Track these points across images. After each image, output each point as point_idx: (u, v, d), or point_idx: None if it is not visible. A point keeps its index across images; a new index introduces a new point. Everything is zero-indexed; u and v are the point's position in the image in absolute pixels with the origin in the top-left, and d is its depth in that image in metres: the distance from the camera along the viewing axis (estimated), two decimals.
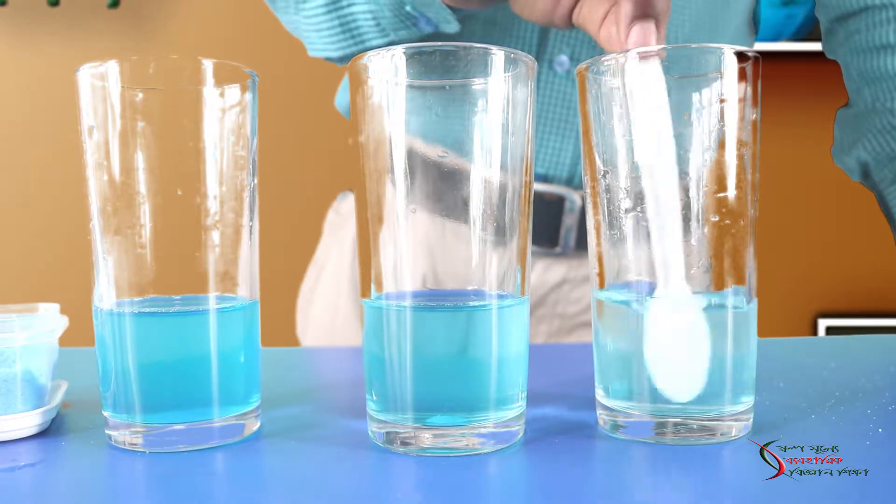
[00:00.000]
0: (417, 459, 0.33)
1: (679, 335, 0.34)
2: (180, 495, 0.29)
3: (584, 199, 0.38)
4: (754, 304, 0.35)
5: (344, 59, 0.61)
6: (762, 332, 0.39)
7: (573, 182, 0.67)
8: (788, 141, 1.70)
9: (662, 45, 0.35)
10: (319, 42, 0.60)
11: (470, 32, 0.65)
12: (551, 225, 0.68)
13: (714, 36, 0.66)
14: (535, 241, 0.67)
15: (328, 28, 0.59)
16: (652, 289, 0.34)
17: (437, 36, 0.57)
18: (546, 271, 0.70)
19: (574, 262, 0.70)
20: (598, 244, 0.36)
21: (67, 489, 0.31)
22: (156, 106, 0.34)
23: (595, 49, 0.65)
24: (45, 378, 0.38)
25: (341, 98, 0.77)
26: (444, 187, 0.33)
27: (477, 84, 0.33)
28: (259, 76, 0.37)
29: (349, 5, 0.57)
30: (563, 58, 0.65)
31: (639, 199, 0.34)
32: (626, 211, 0.35)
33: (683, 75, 0.34)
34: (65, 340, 0.42)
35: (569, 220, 0.67)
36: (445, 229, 0.33)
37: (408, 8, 0.54)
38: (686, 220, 0.34)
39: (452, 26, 0.55)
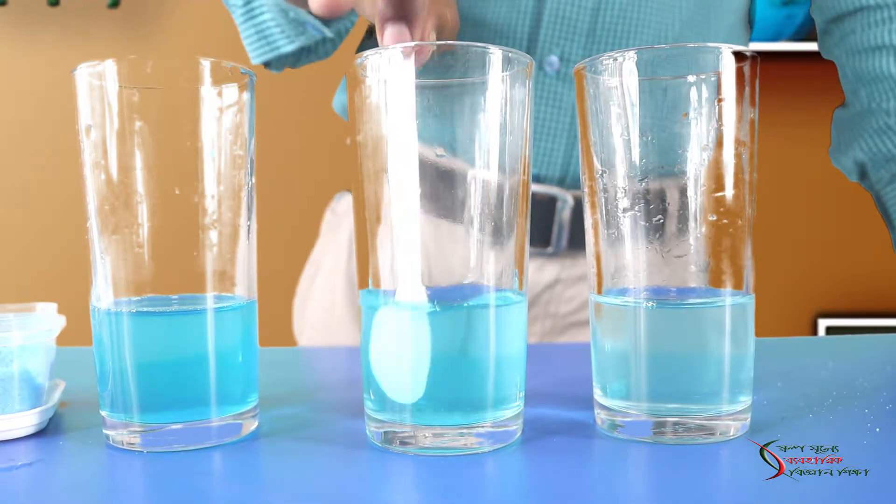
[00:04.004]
0: (415, 459, 0.33)
1: (404, 338, 0.33)
2: (178, 495, 0.29)
3: (581, 199, 0.38)
4: (752, 304, 0.35)
5: (270, 66, 0.67)
6: (762, 332, 0.39)
7: (565, 182, 0.67)
8: (788, 141, 1.70)
9: (424, 42, 0.34)
10: (249, 49, 0.66)
11: (460, 34, 0.65)
12: (544, 225, 0.68)
13: (706, 35, 0.66)
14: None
15: (248, 36, 0.65)
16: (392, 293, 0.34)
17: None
18: (539, 271, 0.70)
19: (567, 261, 0.70)
20: (596, 244, 0.36)
21: (65, 489, 0.31)
22: (153, 105, 0.34)
23: (586, 49, 0.65)
24: (43, 377, 0.38)
25: (339, 100, 0.77)
26: (441, 187, 0.33)
27: (475, 83, 0.33)
28: (257, 76, 0.37)
29: (260, 14, 0.63)
30: (553, 58, 0.65)
31: (636, 198, 0.34)
32: (624, 210, 0.35)
33: (681, 74, 0.34)
34: (62, 340, 0.42)
35: (561, 220, 0.67)
36: (443, 229, 0.33)
37: (291, 14, 0.61)
38: (684, 219, 0.34)
39: (326, 30, 0.63)
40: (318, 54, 0.68)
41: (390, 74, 0.33)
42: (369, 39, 0.75)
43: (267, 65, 0.67)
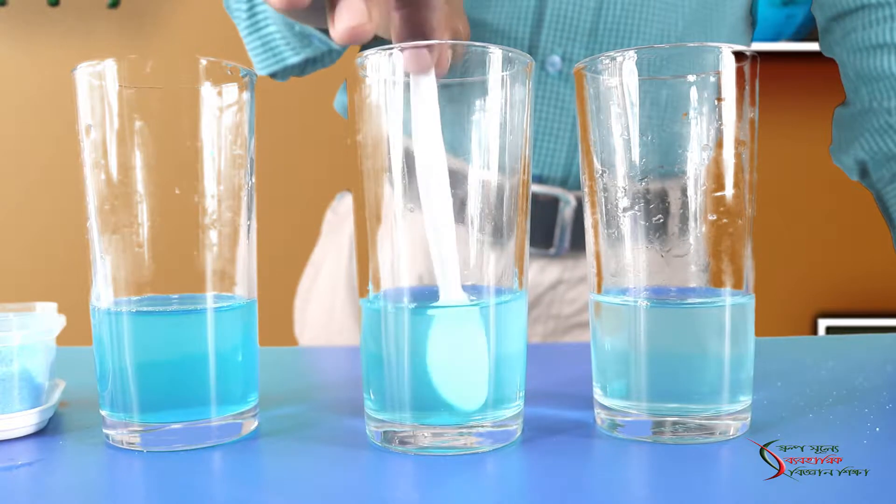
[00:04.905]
0: (415, 458, 0.33)
1: (457, 344, 0.33)
2: (178, 494, 0.29)
3: (582, 199, 0.38)
4: (752, 303, 0.35)
5: (276, 76, 0.67)
6: (762, 332, 0.39)
7: (567, 183, 0.67)
8: (788, 141, 1.70)
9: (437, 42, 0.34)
10: (255, 60, 0.67)
11: None
12: (546, 226, 0.67)
13: (708, 34, 0.66)
14: (530, 243, 0.68)
15: (254, 48, 0.66)
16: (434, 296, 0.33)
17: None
18: (541, 272, 0.70)
19: (569, 262, 0.70)
20: (596, 243, 0.36)
21: (65, 488, 0.31)
22: (153, 105, 0.34)
23: (588, 49, 0.65)
24: (43, 377, 0.38)
25: (340, 100, 0.77)
26: None
27: (475, 83, 0.33)
28: (257, 75, 0.37)
29: (265, 26, 0.63)
30: (555, 58, 0.65)
31: (636, 198, 0.34)
32: (624, 210, 0.35)
33: (681, 74, 0.34)
34: (62, 339, 0.42)
35: (563, 221, 0.67)
36: None
37: (297, 28, 0.61)
38: (684, 218, 0.34)
39: (333, 42, 0.62)
40: (324, 63, 0.68)
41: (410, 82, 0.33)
42: (372, 42, 0.75)
43: (273, 75, 0.67)
